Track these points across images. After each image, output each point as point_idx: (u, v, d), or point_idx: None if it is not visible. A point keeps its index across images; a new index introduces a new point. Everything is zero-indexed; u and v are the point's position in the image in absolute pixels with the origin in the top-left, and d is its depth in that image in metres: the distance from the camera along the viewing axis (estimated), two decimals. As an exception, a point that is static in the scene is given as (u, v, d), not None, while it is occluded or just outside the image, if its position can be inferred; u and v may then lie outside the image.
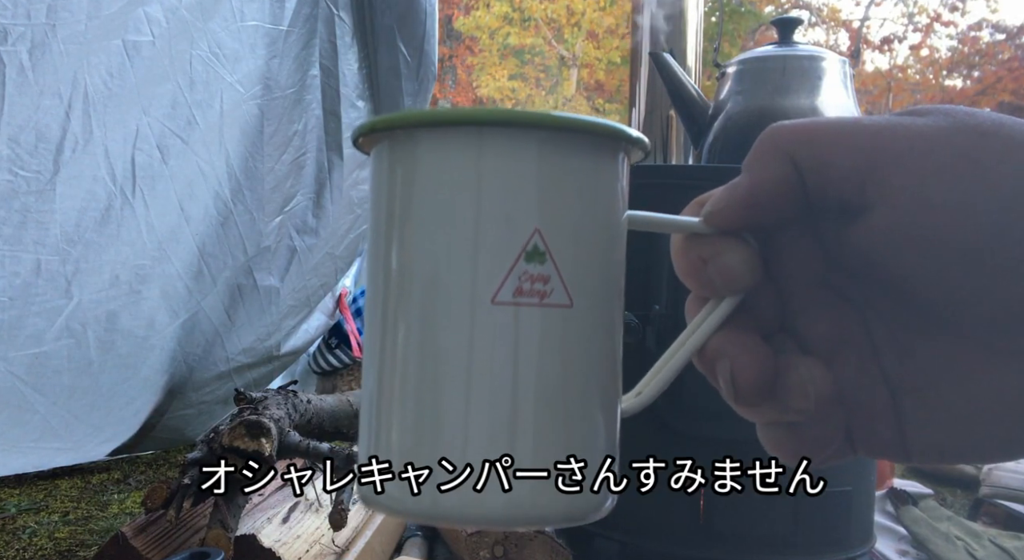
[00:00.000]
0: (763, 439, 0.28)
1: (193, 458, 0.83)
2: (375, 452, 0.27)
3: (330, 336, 2.04)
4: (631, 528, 0.90)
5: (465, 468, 0.25)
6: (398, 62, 1.76)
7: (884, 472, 1.41)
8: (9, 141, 1.16)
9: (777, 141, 0.25)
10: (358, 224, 1.83)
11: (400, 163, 0.27)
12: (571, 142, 0.26)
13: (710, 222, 0.26)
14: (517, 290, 0.25)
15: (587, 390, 0.27)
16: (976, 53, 12.30)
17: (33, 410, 1.30)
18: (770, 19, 1.15)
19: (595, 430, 0.27)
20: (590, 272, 0.27)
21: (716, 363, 0.27)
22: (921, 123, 0.24)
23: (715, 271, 0.26)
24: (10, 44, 1.12)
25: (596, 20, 11.97)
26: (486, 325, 0.25)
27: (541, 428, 0.25)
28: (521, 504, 0.25)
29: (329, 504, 0.93)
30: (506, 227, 0.25)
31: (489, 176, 0.26)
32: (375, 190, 0.28)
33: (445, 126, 0.26)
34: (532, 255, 0.25)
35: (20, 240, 1.21)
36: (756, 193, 0.25)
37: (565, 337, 0.26)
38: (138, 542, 0.79)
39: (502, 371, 0.25)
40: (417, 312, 0.26)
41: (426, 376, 0.26)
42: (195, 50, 1.37)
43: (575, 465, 0.26)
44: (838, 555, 0.87)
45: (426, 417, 0.26)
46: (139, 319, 1.40)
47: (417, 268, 0.26)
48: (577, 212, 0.26)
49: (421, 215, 0.26)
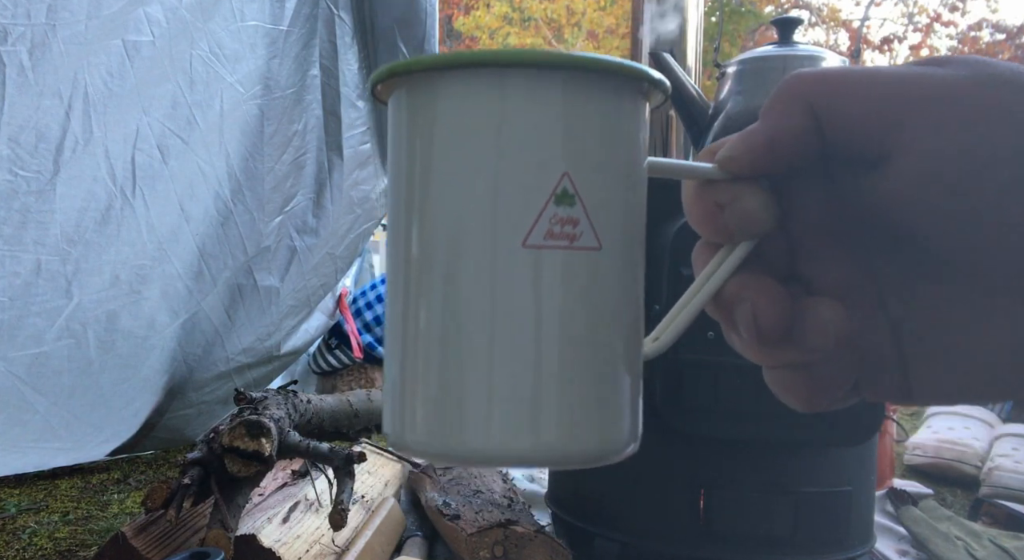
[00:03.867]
0: (774, 383, 0.29)
1: (193, 458, 0.83)
2: (405, 394, 0.27)
3: (330, 336, 2.04)
4: (631, 528, 0.90)
5: (495, 407, 0.25)
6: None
7: (884, 472, 1.41)
8: (9, 141, 1.16)
9: (797, 90, 0.26)
10: (358, 224, 1.83)
11: (424, 109, 0.27)
12: (596, 83, 0.26)
13: (726, 167, 0.27)
14: (548, 233, 0.25)
15: (615, 332, 0.27)
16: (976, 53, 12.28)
17: (33, 410, 1.29)
18: (770, 19, 1.15)
19: (621, 371, 0.27)
20: (617, 215, 0.27)
21: (735, 307, 0.27)
22: (941, 73, 0.24)
23: (732, 216, 0.27)
24: (10, 44, 1.12)
25: (596, 20, 11.97)
26: (518, 268, 0.25)
27: (570, 369, 0.26)
28: (549, 444, 0.26)
29: (329, 504, 0.93)
30: (535, 171, 0.25)
31: (517, 119, 0.25)
32: (396, 139, 0.28)
33: (471, 68, 0.26)
34: (561, 198, 0.25)
35: (20, 240, 1.21)
36: (774, 140, 0.26)
37: (594, 279, 0.26)
38: (138, 542, 0.79)
39: (533, 313, 0.25)
40: (446, 259, 0.26)
41: (457, 320, 0.26)
42: (195, 50, 1.37)
43: (602, 405, 0.26)
44: (838, 555, 0.87)
45: (457, 360, 0.26)
46: (139, 319, 1.40)
47: (445, 216, 0.26)
48: (604, 155, 0.26)
49: (448, 161, 0.26)
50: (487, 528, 0.87)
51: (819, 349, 0.26)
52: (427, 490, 1.10)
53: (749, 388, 0.82)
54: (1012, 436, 1.59)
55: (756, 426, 0.83)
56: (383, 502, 1.07)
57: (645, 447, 0.30)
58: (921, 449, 1.65)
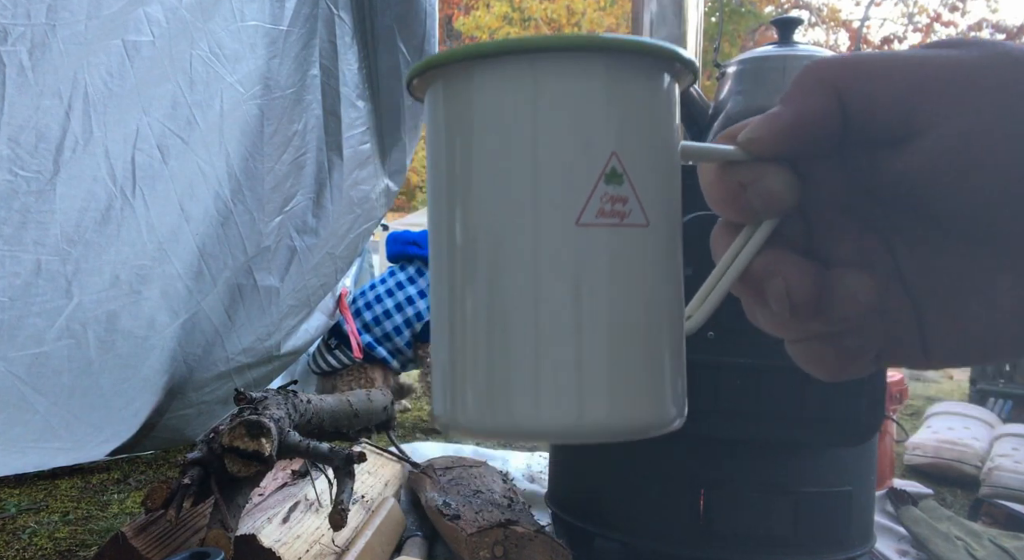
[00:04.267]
0: (800, 356, 0.30)
1: (193, 458, 0.83)
2: (456, 375, 0.28)
3: (330, 336, 2.04)
4: (631, 528, 0.90)
5: (545, 383, 0.26)
6: (398, 62, 1.76)
7: (884, 472, 1.41)
8: (9, 141, 1.16)
9: (821, 74, 0.27)
10: (358, 224, 1.83)
11: (466, 99, 0.27)
12: (635, 64, 0.27)
13: (748, 148, 0.28)
14: (599, 211, 0.26)
15: (661, 307, 0.28)
16: (976, 53, 12.25)
17: (33, 410, 1.29)
18: (770, 19, 1.15)
19: (667, 346, 0.28)
20: (661, 193, 0.28)
21: (765, 282, 0.28)
22: (958, 54, 0.25)
23: (756, 195, 0.28)
24: (10, 44, 1.12)
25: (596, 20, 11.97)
26: (572, 247, 0.26)
27: (619, 345, 0.26)
28: (596, 419, 0.26)
29: (329, 504, 0.93)
30: (585, 151, 0.26)
31: (564, 103, 0.26)
32: (437, 131, 0.28)
33: (515, 55, 0.26)
34: (611, 177, 0.26)
35: (20, 240, 1.21)
36: (798, 123, 0.27)
37: (643, 255, 0.27)
38: (138, 542, 0.79)
39: (587, 290, 0.26)
40: (496, 243, 0.26)
41: (511, 301, 0.26)
42: (195, 50, 1.37)
43: (649, 379, 0.27)
44: (838, 555, 0.87)
45: (513, 340, 0.26)
46: (139, 319, 1.40)
47: (494, 202, 0.27)
48: (647, 134, 0.27)
49: (496, 148, 0.27)
50: (487, 528, 0.87)
51: (849, 317, 0.28)
52: (427, 490, 1.10)
53: (749, 388, 0.82)
54: (1012, 436, 1.59)
55: (756, 426, 0.83)
56: (383, 502, 1.07)
57: (645, 447, 0.30)
58: (921, 449, 1.65)
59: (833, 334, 0.28)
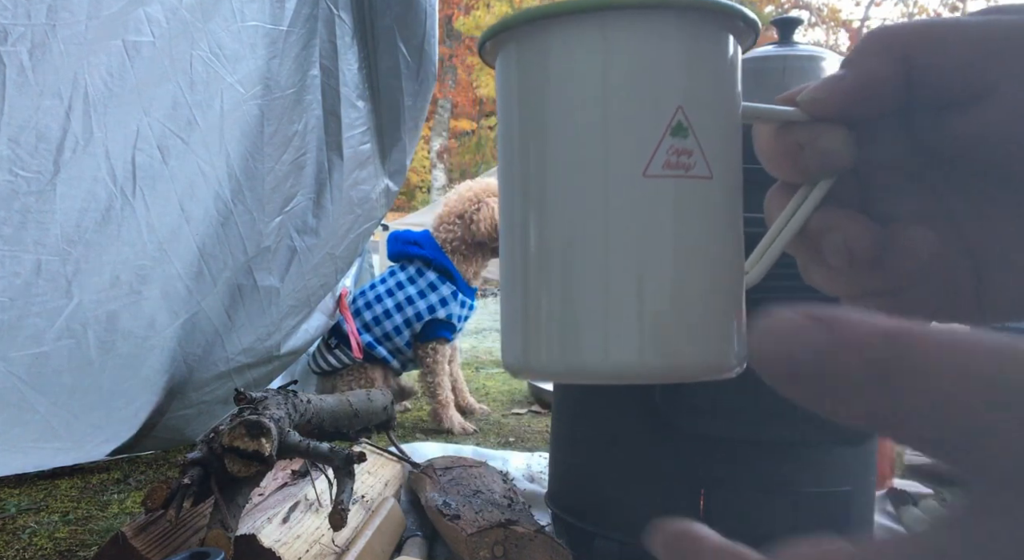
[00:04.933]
0: None
1: (193, 458, 0.83)
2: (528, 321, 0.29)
3: (330, 336, 2.04)
4: (631, 528, 0.90)
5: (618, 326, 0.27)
6: (398, 62, 1.76)
7: (884, 472, 1.41)
8: (9, 141, 1.16)
9: (888, 38, 0.27)
10: (358, 224, 1.83)
11: (538, 58, 0.28)
12: (699, 20, 0.28)
13: (809, 109, 0.28)
14: (666, 163, 0.27)
15: (724, 255, 0.29)
16: (976, 53, 12.27)
17: (33, 410, 1.30)
18: (770, 19, 1.15)
19: (730, 293, 0.29)
20: (724, 147, 0.28)
21: (824, 237, 0.29)
22: (1014, 19, 0.26)
23: (813, 154, 0.28)
24: (10, 44, 1.12)
25: (596, 20, 11.97)
26: (640, 196, 0.27)
27: (685, 290, 0.28)
28: (664, 361, 0.27)
29: (329, 504, 0.93)
30: (652, 105, 0.27)
31: (630, 59, 0.27)
32: (511, 91, 0.30)
33: (582, 14, 0.27)
34: (677, 130, 0.27)
35: (20, 240, 1.21)
36: (862, 85, 0.27)
37: (707, 206, 0.28)
38: (138, 542, 0.79)
39: (657, 238, 0.27)
40: (567, 193, 0.28)
41: (583, 248, 0.27)
42: (195, 50, 1.37)
43: (713, 324, 0.28)
44: (838, 555, 0.86)
45: (590, 284, 0.27)
46: (139, 319, 1.40)
47: (565, 153, 0.28)
48: (711, 89, 0.28)
49: (565, 104, 0.28)
50: (487, 528, 0.87)
51: (910, 272, 0.28)
52: (427, 490, 1.10)
53: (749, 388, 0.82)
54: (1012, 436, 1.59)
55: (756, 426, 0.83)
56: (383, 502, 1.07)
57: (645, 447, 0.30)
58: (921, 449, 1.65)
59: (891, 290, 0.29)
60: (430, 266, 2.08)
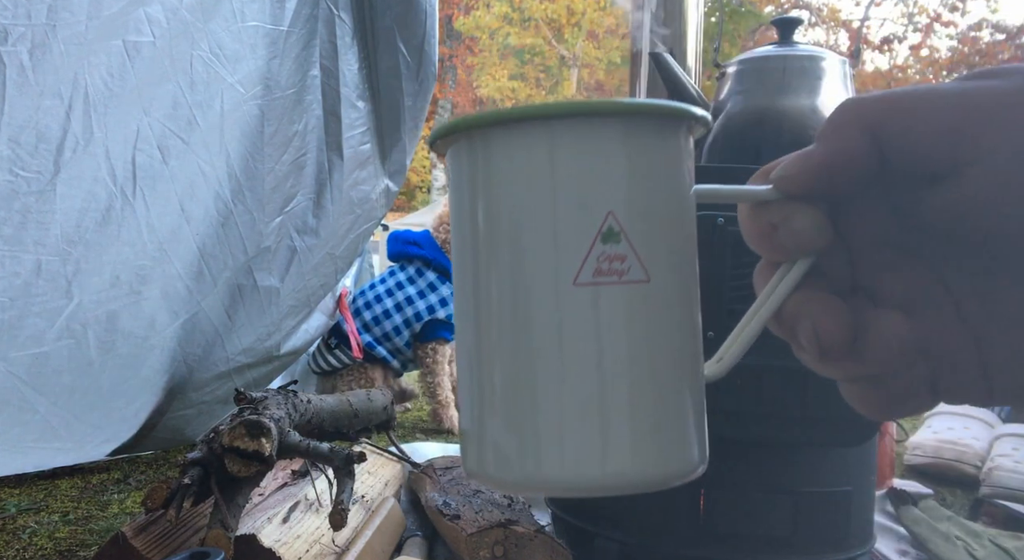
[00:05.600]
0: (847, 394, 0.29)
1: (193, 458, 0.83)
2: (483, 432, 0.29)
3: (330, 336, 2.04)
4: (631, 528, 0.90)
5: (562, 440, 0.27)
6: (398, 62, 1.76)
7: (884, 472, 1.41)
8: (9, 141, 1.16)
9: (858, 112, 0.26)
10: (358, 224, 1.83)
11: (477, 162, 0.28)
12: (633, 126, 0.27)
13: (780, 187, 0.27)
14: (596, 271, 0.27)
15: (671, 360, 0.28)
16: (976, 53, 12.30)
17: (33, 410, 1.30)
18: (770, 19, 1.15)
19: (681, 398, 0.28)
20: (664, 248, 0.28)
21: (797, 323, 0.28)
22: (998, 84, 0.25)
23: (786, 235, 0.27)
24: (10, 44, 1.12)
25: (596, 20, 11.98)
26: (571, 305, 0.27)
27: (630, 399, 0.27)
28: (617, 472, 0.27)
29: (329, 504, 0.93)
30: (581, 213, 0.27)
31: (561, 166, 0.27)
32: (456, 188, 0.30)
33: (515, 124, 0.27)
34: (608, 236, 0.27)
35: (20, 240, 1.21)
36: (832, 162, 0.26)
37: (646, 311, 0.27)
38: (138, 542, 0.79)
39: (589, 348, 0.27)
40: (505, 301, 0.28)
41: (519, 359, 0.27)
42: (196, 50, 1.37)
43: (663, 431, 0.28)
44: (838, 555, 0.87)
45: (522, 397, 0.27)
46: (139, 319, 1.40)
47: (501, 259, 0.28)
48: (647, 192, 0.28)
49: (502, 211, 0.28)
50: (487, 528, 0.87)
51: (884, 362, 0.27)
52: (427, 490, 1.10)
53: (749, 388, 0.82)
54: (1012, 436, 1.59)
55: (756, 426, 0.83)
56: (383, 502, 1.07)
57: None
58: (921, 449, 1.65)
59: (871, 377, 0.28)
60: (430, 266, 2.08)
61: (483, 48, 12.36)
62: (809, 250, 0.27)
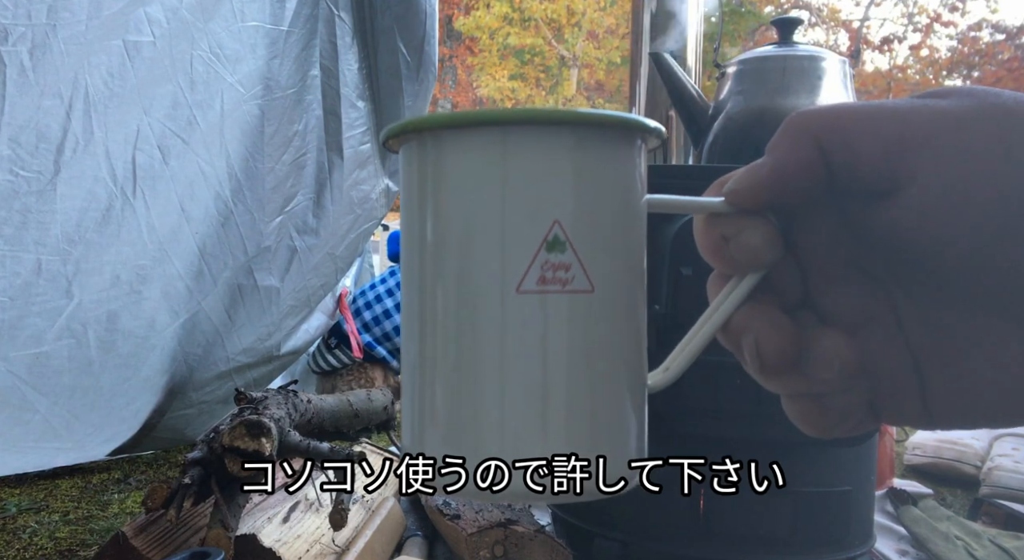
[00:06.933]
0: (788, 411, 0.29)
1: (193, 458, 0.83)
2: (419, 441, 0.28)
3: (330, 336, 2.04)
4: (631, 528, 0.90)
5: (502, 448, 0.27)
6: (398, 62, 1.76)
7: (884, 472, 1.41)
8: (10, 141, 1.16)
9: (804, 125, 0.26)
10: (358, 224, 1.83)
11: (427, 164, 0.28)
12: (583, 136, 0.27)
13: (731, 201, 0.27)
14: (540, 279, 0.26)
15: (614, 369, 0.28)
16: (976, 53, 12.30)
17: (33, 410, 1.30)
18: (770, 19, 1.15)
19: (623, 408, 0.28)
20: (610, 258, 0.28)
21: (741, 337, 0.27)
22: (945, 105, 0.24)
23: (736, 248, 0.27)
24: (11, 44, 1.12)
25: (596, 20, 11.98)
26: (513, 313, 0.26)
27: (572, 409, 0.27)
28: (558, 482, 0.27)
29: (329, 504, 0.93)
30: (527, 220, 0.26)
31: (510, 172, 0.27)
32: (406, 189, 0.30)
33: (466, 127, 0.27)
34: (553, 245, 0.26)
35: (21, 240, 1.21)
36: (779, 175, 0.26)
37: (589, 320, 0.27)
38: (138, 542, 0.79)
39: (531, 356, 0.26)
40: (449, 305, 0.27)
41: (461, 366, 0.27)
42: (196, 50, 1.37)
43: (604, 439, 0.28)
44: (838, 555, 0.87)
45: (464, 406, 0.27)
46: (140, 319, 1.40)
47: (447, 264, 0.27)
48: (594, 202, 0.27)
49: (448, 214, 0.27)
50: (487, 528, 0.87)
51: (824, 380, 0.27)
52: (427, 490, 1.10)
53: (749, 388, 0.82)
54: (1012, 436, 1.59)
55: (756, 426, 0.83)
56: (383, 502, 1.07)
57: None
58: (921, 449, 1.65)
59: (812, 395, 0.28)
60: (430, 266, 2.09)
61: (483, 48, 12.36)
62: (759, 265, 0.27)
